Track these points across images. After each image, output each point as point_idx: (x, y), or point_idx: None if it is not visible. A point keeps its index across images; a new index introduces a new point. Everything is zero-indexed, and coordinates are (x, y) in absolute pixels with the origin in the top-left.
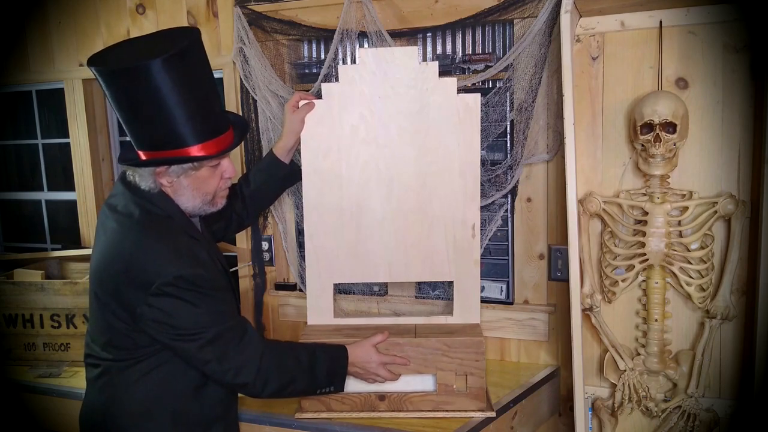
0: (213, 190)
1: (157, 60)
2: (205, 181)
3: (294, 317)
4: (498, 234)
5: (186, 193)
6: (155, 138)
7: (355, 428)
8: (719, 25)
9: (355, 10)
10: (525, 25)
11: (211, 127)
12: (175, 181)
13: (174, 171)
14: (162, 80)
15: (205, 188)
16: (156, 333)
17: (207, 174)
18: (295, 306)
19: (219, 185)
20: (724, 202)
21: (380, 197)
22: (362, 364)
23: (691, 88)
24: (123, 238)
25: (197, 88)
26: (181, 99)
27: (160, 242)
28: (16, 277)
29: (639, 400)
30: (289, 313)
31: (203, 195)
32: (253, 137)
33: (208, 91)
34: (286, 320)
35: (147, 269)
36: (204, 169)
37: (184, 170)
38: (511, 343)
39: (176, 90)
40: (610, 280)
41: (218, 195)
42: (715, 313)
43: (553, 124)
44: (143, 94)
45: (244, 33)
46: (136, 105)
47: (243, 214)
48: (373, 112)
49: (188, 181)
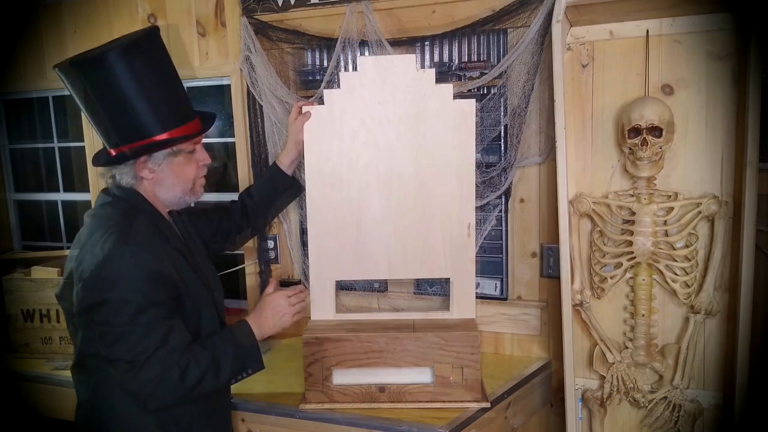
0: (192, 177)
1: (115, 50)
2: (183, 169)
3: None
4: (493, 233)
5: (167, 183)
6: (123, 130)
7: (357, 418)
8: (703, 34)
9: (357, 20)
10: (518, 34)
11: (176, 115)
12: (157, 170)
13: (156, 159)
14: (121, 70)
15: (185, 175)
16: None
17: (184, 161)
18: None
19: (197, 173)
20: (708, 202)
21: (380, 198)
22: (272, 313)
23: (676, 94)
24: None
25: (159, 78)
26: (143, 89)
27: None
28: (34, 274)
29: (627, 392)
30: None
31: (183, 183)
32: (260, 141)
33: (171, 82)
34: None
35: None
36: (181, 156)
37: (165, 158)
38: (505, 338)
39: (137, 80)
40: (599, 277)
41: (197, 183)
42: (700, 309)
43: (545, 129)
44: (105, 86)
45: (251, 42)
46: (99, 98)
47: (243, 226)
48: (373, 116)
49: (170, 169)
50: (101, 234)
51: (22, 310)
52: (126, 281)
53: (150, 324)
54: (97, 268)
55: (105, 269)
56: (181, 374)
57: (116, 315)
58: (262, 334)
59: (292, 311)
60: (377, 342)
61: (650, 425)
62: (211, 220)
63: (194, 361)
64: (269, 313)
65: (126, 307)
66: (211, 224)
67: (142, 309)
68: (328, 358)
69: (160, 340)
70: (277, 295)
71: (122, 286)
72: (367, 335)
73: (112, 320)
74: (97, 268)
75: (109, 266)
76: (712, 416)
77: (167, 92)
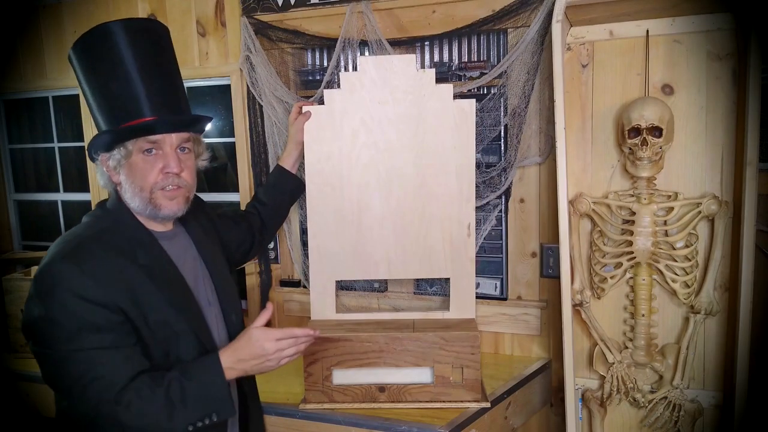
0: (149, 185)
1: (118, 22)
2: (138, 172)
3: (298, 312)
4: (492, 233)
5: (127, 189)
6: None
7: (357, 418)
8: (703, 35)
9: (357, 20)
10: (518, 34)
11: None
12: (117, 172)
13: (114, 159)
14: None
15: (140, 181)
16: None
17: (140, 163)
18: (299, 302)
19: (156, 180)
20: (708, 202)
21: (380, 198)
22: (252, 354)
23: (676, 94)
24: None
25: (157, 64)
26: (140, 69)
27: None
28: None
29: (627, 392)
30: (293, 308)
31: (140, 191)
32: (260, 141)
33: (167, 73)
34: (291, 315)
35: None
36: (136, 157)
37: (119, 160)
38: (504, 337)
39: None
40: (599, 277)
41: (156, 194)
42: (700, 309)
43: (545, 129)
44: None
45: (251, 42)
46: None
47: (265, 234)
48: (373, 117)
49: (125, 173)
50: (53, 247)
51: (22, 310)
52: (58, 301)
53: (84, 350)
54: (34, 281)
55: (38, 284)
56: (124, 409)
57: (49, 337)
58: (236, 375)
59: (278, 357)
60: (377, 342)
61: (650, 425)
62: (239, 228)
63: (138, 398)
64: (248, 355)
65: (57, 329)
66: (242, 233)
67: (75, 332)
68: (328, 358)
69: (95, 369)
70: (264, 335)
71: (53, 306)
72: (367, 335)
73: (46, 342)
74: (34, 282)
75: (42, 282)
76: (712, 416)
77: (126, 83)
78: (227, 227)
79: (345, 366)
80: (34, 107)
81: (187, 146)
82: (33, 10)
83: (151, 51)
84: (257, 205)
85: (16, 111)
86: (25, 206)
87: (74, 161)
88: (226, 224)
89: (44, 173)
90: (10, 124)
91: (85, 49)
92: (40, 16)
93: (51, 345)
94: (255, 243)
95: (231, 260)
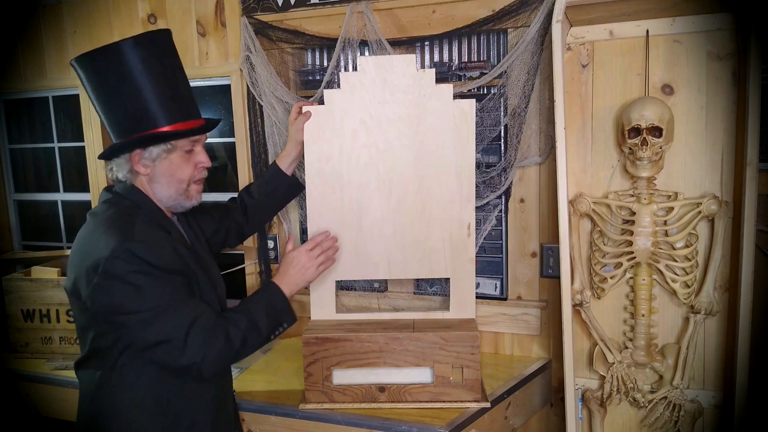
0: (187, 178)
1: (128, 41)
2: (178, 167)
3: (298, 312)
4: (492, 233)
5: (161, 181)
6: (122, 122)
7: (357, 418)
8: (703, 35)
9: (357, 20)
10: (518, 34)
11: (180, 110)
12: (150, 166)
13: (149, 156)
14: (133, 61)
15: (180, 175)
16: (102, 317)
17: (180, 160)
18: (299, 301)
19: (193, 174)
20: (708, 202)
21: (380, 198)
22: (295, 270)
23: (676, 94)
24: (84, 235)
25: (162, 73)
26: (145, 81)
27: (112, 227)
28: (34, 274)
29: (627, 392)
30: (293, 308)
31: (178, 183)
32: (260, 141)
33: (174, 79)
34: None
35: (94, 254)
36: (177, 154)
37: (158, 154)
38: (504, 337)
39: (147, 72)
40: (599, 277)
41: (192, 186)
42: (700, 309)
43: (545, 129)
44: (113, 77)
45: (251, 42)
46: (106, 89)
47: (243, 224)
48: (373, 117)
49: (163, 167)
50: (103, 232)
51: (22, 310)
52: (136, 274)
53: (175, 303)
54: (107, 264)
55: (114, 264)
56: (225, 338)
57: (139, 303)
58: (291, 291)
59: (315, 263)
60: (377, 342)
61: (650, 425)
62: (212, 217)
63: (233, 325)
64: (293, 271)
65: (147, 293)
66: (213, 222)
67: (162, 292)
68: (328, 358)
69: (192, 312)
70: (298, 252)
71: (134, 279)
72: (367, 335)
73: (137, 308)
74: (107, 265)
75: (118, 262)
76: (712, 416)
77: (168, 88)
78: (201, 218)
79: (345, 366)
80: (34, 107)
81: None
82: (33, 10)
83: (173, 60)
84: (245, 197)
85: (16, 111)
86: (25, 206)
87: (74, 161)
88: (200, 215)
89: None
90: (10, 124)
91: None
92: (40, 16)
93: (143, 308)
94: (231, 233)
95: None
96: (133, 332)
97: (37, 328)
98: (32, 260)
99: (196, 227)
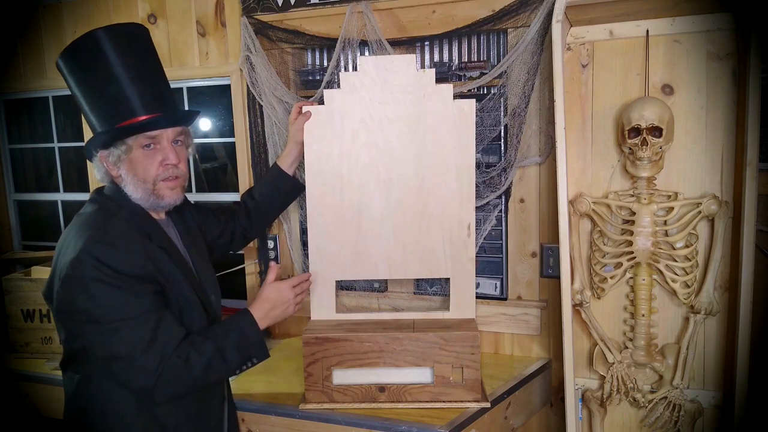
0: (152, 177)
1: (104, 29)
2: (140, 167)
3: (298, 312)
4: (492, 233)
5: (129, 181)
6: (90, 124)
7: (357, 418)
8: (703, 35)
9: (357, 20)
10: (518, 34)
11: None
12: (117, 167)
13: (113, 155)
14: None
15: (142, 174)
16: (67, 321)
17: (141, 158)
18: None
19: (158, 173)
20: (708, 202)
21: (380, 198)
22: (278, 303)
23: (676, 94)
24: (63, 236)
25: (145, 65)
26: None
27: (84, 229)
28: (34, 274)
29: (627, 392)
30: None
31: (142, 183)
32: (260, 141)
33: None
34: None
35: (65, 256)
36: (136, 153)
37: (118, 155)
38: (504, 337)
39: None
40: (599, 277)
41: (160, 185)
42: (700, 309)
43: (545, 129)
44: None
45: (251, 42)
46: (88, 82)
47: (247, 227)
48: (373, 117)
49: (126, 167)
50: (76, 233)
51: (22, 310)
52: (97, 282)
53: (136, 317)
54: (72, 267)
55: (79, 268)
56: (183, 362)
57: (98, 314)
58: (266, 324)
59: (296, 301)
60: (377, 342)
61: (650, 425)
62: (218, 220)
63: (195, 350)
64: (276, 304)
65: (108, 304)
66: (218, 225)
67: (125, 303)
68: (328, 358)
69: (152, 331)
70: (282, 285)
71: (94, 287)
72: (367, 335)
73: (97, 318)
74: (72, 268)
75: (82, 265)
76: (712, 416)
77: (119, 87)
78: (206, 220)
79: (345, 366)
80: (34, 107)
81: (180, 139)
82: (33, 10)
83: (139, 54)
84: (248, 200)
85: (16, 111)
86: (25, 206)
87: (74, 161)
88: (206, 217)
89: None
90: (10, 124)
91: (75, 56)
92: (40, 16)
93: (103, 319)
94: (236, 236)
95: (213, 249)
96: (90, 342)
97: (37, 328)
98: (32, 260)
99: (196, 230)
